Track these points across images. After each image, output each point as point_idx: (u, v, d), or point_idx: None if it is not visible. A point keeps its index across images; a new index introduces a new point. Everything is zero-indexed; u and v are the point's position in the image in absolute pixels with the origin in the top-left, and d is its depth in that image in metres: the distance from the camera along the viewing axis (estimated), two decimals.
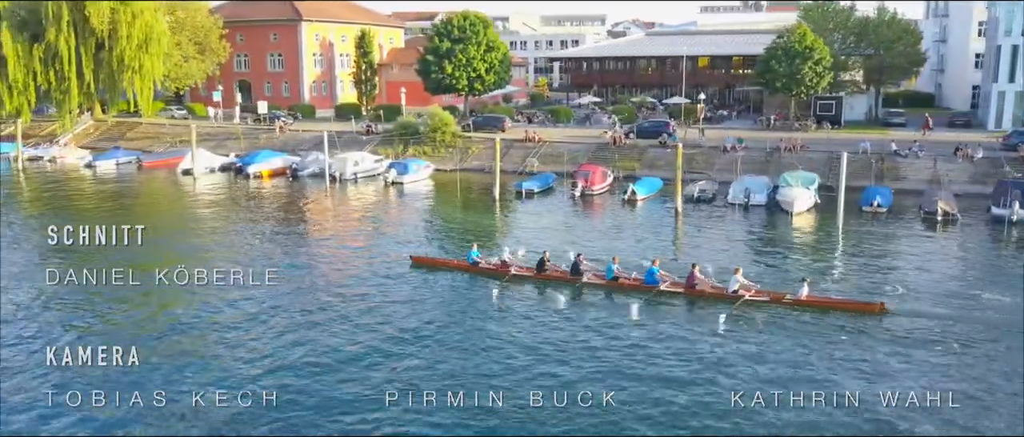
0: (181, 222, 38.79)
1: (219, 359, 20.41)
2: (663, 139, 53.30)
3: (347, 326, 22.78)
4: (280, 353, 20.68)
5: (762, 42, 76.35)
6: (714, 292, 25.36)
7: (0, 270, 28.49)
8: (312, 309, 24.38)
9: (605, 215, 40.39)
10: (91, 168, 56.69)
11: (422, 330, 22.45)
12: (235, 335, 22.07)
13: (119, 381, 18.60)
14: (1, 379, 19.07)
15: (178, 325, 23.04)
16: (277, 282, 26.68)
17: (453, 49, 66.85)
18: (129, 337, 21.51)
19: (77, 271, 27.57)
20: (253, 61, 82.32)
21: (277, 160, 53.92)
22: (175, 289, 26.08)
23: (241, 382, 18.84)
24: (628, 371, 19.51)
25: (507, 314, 24.32)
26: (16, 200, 45.63)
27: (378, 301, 25.24)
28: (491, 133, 59.88)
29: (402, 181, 48.76)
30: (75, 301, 25.21)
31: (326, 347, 21.08)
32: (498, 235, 35.47)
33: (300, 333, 22.20)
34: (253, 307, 24.38)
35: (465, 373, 19.49)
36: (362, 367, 19.77)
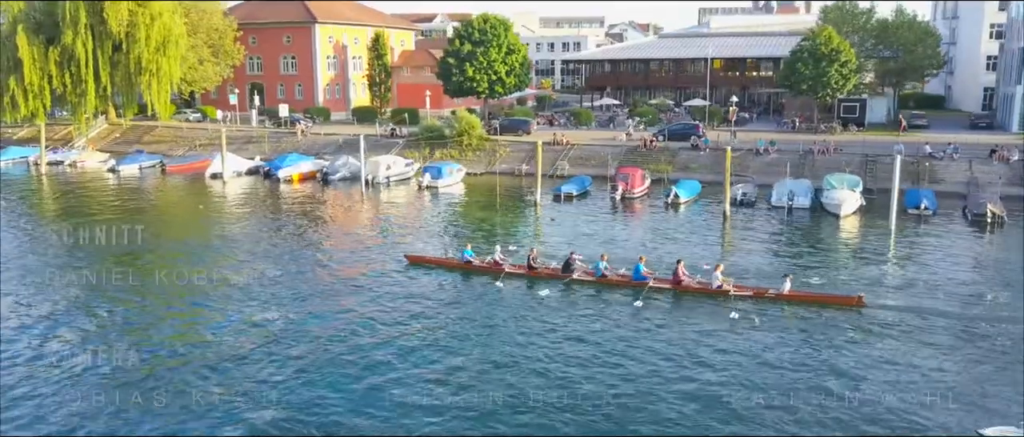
0: (223, 229, 38.35)
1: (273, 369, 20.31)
2: (694, 142, 53.29)
3: (426, 336, 22.68)
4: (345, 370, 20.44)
5: (776, 44, 76.93)
6: (699, 287, 26.46)
7: (26, 281, 28.14)
8: (376, 314, 24.37)
9: (650, 218, 40.28)
10: (115, 172, 56.11)
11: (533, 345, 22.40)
12: (297, 343, 21.92)
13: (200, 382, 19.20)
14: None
15: (237, 331, 22.95)
16: (333, 291, 26.73)
17: (474, 52, 66.67)
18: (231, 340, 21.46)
19: (131, 276, 27.81)
20: (266, 64, 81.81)
21: (306, 164, 53.59)
22: (228, 294, 26.39)
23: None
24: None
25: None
26: (45, 205, 45.08)
27: (450, 307, 25.36)
28: (516, 136, 59.94)
29: (436, 185, 48.52)
30: (122, 303, 25.28)
31: (417, 354, 21.05)
32: (544, 239, 35.04)
33: (372, 339, 22.16)
34: (311, 315, 24.39)
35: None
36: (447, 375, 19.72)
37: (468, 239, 33.60)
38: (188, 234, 37.00)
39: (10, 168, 60.16)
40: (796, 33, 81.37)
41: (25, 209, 44.44)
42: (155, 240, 35.27)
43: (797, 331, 22.82)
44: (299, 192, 48.87)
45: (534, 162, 53.59)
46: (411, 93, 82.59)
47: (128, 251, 32.91)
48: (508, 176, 53.46)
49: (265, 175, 53.40)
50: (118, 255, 32.11)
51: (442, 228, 38.39)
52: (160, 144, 67.33)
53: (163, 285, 27.97)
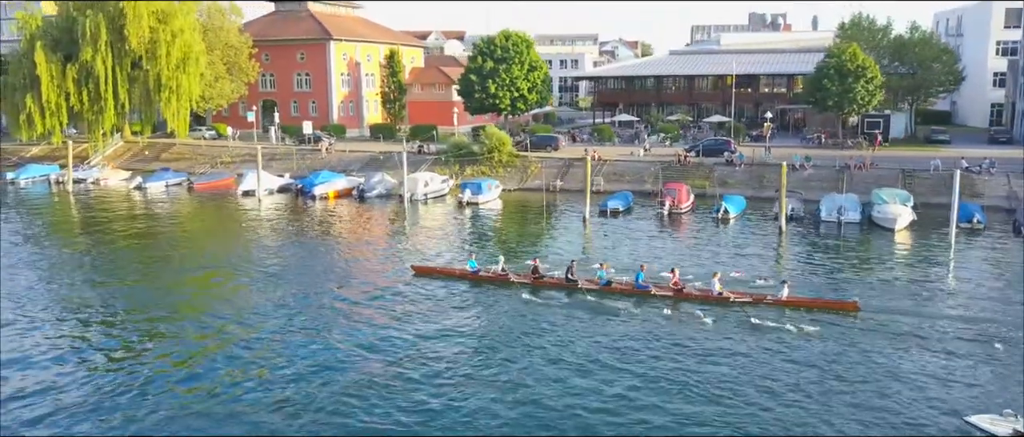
0: (276, 247, 37.92)
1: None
2: (729, 158, 53.61)
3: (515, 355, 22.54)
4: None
5: (791, 61, 77.77)
6: (700, 294, 27.41)
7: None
8: (442, 331, 24.36)
9: (702, 233, 40.31)
10: (141, 190, 55.38)
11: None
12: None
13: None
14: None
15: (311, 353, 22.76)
16: (408, 313, 26.43)
17: (496, 69, 66.84)
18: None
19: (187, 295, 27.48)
20: (279, 80, 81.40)
21: (341, 181, 53.23)
22: (299, 312, 26.23)
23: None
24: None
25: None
26: (90, 224, 44.34)
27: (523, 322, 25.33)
28: (545, 152, 59.99)
29: (477, 201, 48.40)
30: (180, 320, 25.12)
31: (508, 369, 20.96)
32: (605, 255, 34.46)
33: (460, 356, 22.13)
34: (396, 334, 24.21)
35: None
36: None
37: (519, 254, 33.87)
38: (248, 254, 36.47)
39: (31, 186, 59.23)
40: (806, 50, 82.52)
41: (67, 228, 43.72)
42: (221, 259, 34.91)
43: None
44: (338, 209, 48.48)
45: (568, 178, 54.07)
46: (422, 110, 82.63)
47: (194, 271, 32.51)
48: (544, 192, 53.32)
49: (298, 192, 52.98)
50: (192, 276, 31.69)
51: (498, 243, 38.07)
52: (179, 161, 66.68)
53: (247, 306, 27.62)
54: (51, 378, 20.75)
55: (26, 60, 65.14)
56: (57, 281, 31.07)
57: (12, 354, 22.43)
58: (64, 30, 65.48)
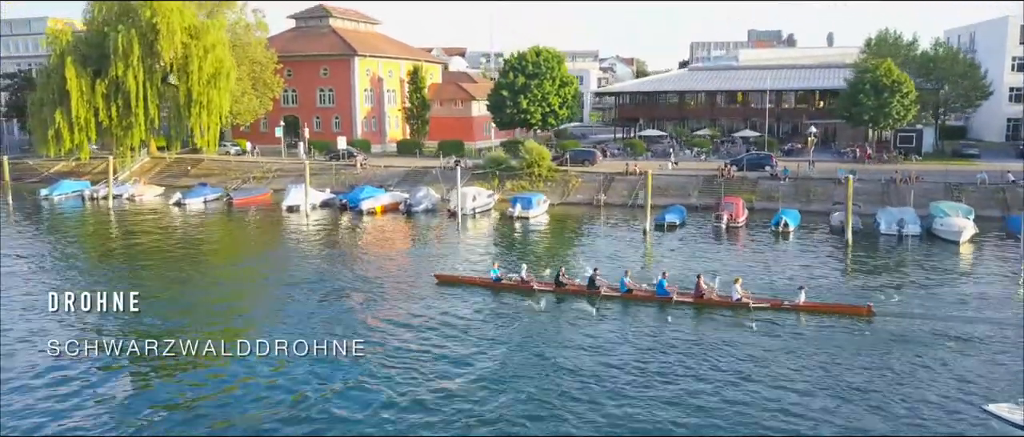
0: (337, 262, 37.66)
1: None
2: (774, 172, 53.89)
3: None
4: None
5: (814, 76, 78.51)
6: (720, 300, 27.91)
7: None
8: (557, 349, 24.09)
9: (764, 246, 40.44)
10: (181, 206, 54.88)
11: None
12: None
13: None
14: None
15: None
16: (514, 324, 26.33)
17: (528, 84, 67.06)
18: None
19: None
20: (302, 96, 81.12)
21: (386, 196, 53.06)
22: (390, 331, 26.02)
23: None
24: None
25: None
26: (147, 242, 43.89)
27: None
28: (583, 167, 60.07)
29: (527, 215, 48.34)
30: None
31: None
32: (671, 268, 34.17)
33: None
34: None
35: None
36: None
37: (582, 267, 33.55)
38: (317, 266, 36.18)
39: (65, 202, 58.60)
40: (825, 65, 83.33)
41: (123, 246, 43.18)
42: (289, 274, 34.63)
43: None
44: (387, 224, 48.28)
45: (611, 192, 54.16)
46: (442, 125, 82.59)
47: (273, 288, 32.23)
48: (587, 206, 53.45)
49: (342, 207, 52.73)
50: (271, 293, 31.43)
51: (560, 256, 37.75)
52: (209, 177, 66.23)
53: (329, 317, 27.42)
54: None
55: (55, 75, 64.71)
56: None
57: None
58: (93, 45, 65.07)
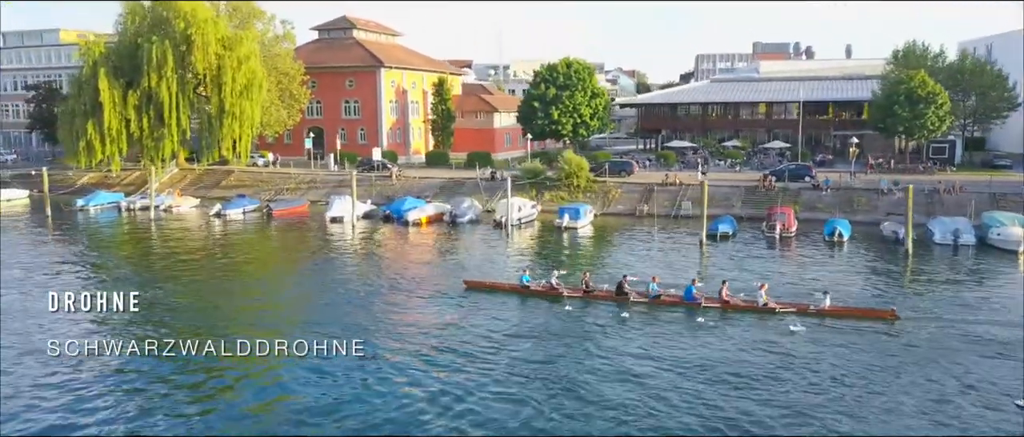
0: (399, 272, 37.69)
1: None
2: (815, 182, 54.15)
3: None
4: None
5: (840, 88, 78.99)
6: (746, 305, 28.50)
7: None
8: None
9: (821, 256, 40.62)
10: (221, 217, 54.73)
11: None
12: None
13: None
14: None
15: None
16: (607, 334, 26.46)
17: (559, 95, 67.35)
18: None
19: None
20: (326, 108, 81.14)
21: (430, 208, 53.09)
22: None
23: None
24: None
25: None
26: (192, 253, 43.76)
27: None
28: (620, 177, 60.22)
29: (575, 226, 48.43)
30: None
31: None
32: (732, 278, 34.27)
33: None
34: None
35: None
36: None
37: (643, 276, 33.59)
38: (366, 278, 36.12)
39: (101, 213, 58.42)
40: (846, 77, 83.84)
41: (176, 257, 43.00)
42: (354, 285, 34.65)
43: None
44: (435, 235, 48.23)
45: (652, 202, 54.33)
46: (464, 137, 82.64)
47: (341, 303, 32.22)
48: (629, 216, 53.59)
49: (385, 218, 52.73)
50: (338, 306, 31.42)
51: (619, 266, 37.39)
52: (242, 188, 66.16)
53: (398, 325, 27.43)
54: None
55: (87, 86, 64.62)
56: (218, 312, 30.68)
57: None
58: (125, 56, 65.02)
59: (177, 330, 26.36)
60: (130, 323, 26.29)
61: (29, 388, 21.16)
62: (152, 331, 26.11)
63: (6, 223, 54.06)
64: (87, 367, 22.26)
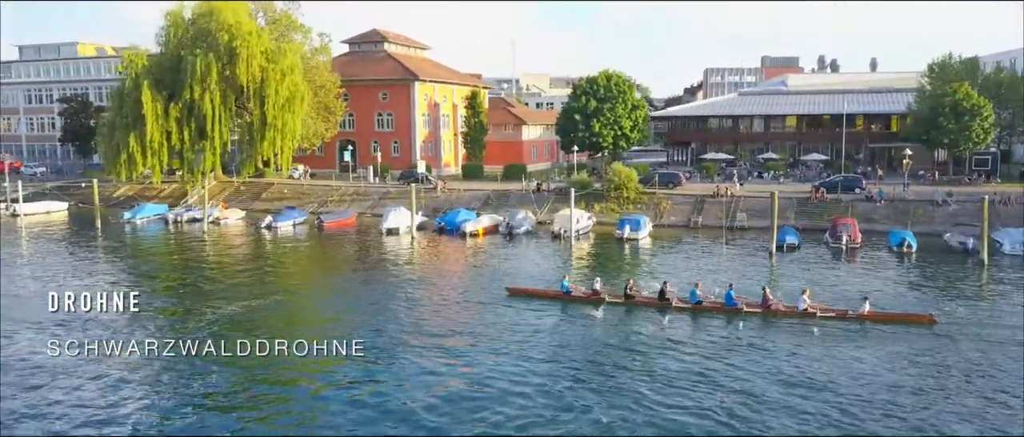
0: (478, 284, 37.64)
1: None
2: (870, 194, 54.37)
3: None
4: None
5: (875, 101, 79.48)
6: (787, 310, 28.91)
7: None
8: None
9: (894, 267, 40.72)
10: (271, 229, 54.56)
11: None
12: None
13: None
14: None
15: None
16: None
17: (600, 108, 67.57)
18: None
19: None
20: (359, 120, 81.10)
21: (485, 219, 53.12)
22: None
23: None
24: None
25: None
26: (267, 266, 43.58)
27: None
28: (669, 189, 60.31)
29: (636, 237, 48.47)
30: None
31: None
32: (811, 287, 33.89)
33: None
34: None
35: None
36: None
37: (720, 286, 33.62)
38: (463, 287, 36.15)
39: (148, 226, 58.18)
40: (874, 90, 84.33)
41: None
42: (437, 296, 34.62)
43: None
44: (494, 246, 48.12)
45: (704, 214, 54.43)
46: (492, 149, 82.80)
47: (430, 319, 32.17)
48: (683, 228, 53.67)
49: (440, 230, 52.67)
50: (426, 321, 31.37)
51: (696, 275, 37.08)
52: (283, 201, 66.10)
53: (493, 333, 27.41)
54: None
55: (129, 99, 64.42)
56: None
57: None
58: (167, 69, 64.90)
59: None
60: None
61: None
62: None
63: (55, 235, 53.92)
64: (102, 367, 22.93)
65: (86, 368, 22.76)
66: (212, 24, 64.19)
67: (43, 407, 20.50)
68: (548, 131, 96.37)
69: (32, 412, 20.23)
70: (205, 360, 22.61)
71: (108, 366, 22.89)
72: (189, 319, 29.79)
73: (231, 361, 22.29)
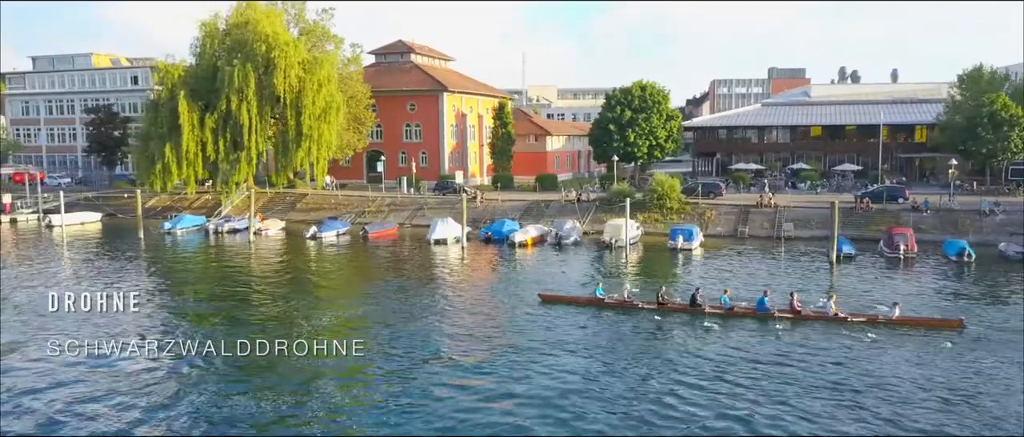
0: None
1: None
2: (916, 204, 54.54)
3: None
4: None
5: (903, 111, 79.91)
6: (816, 315, 29.57)
7: None
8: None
9: (957, 276, 40.68)
10: (316, 240, 54.38)
11: None
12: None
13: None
14: None
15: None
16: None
17: (635, 118, 67.74)
18: None
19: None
20: (387, 131, 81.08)
21: (532, 229, 53.06)
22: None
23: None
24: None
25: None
26: (336, 277, 43.38)
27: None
28: (709, 199, 60.38)
29: (690, 247, 48.47)
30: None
31: None
32: (897, 298, 34.36)
33: None
34: None
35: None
36: None
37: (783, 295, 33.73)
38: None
39: (187, 236, 57.93)
40: (898, 100, 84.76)
41: (307, 281, 42.48)
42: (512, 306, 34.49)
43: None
44: (546, 256, 48.04)
45: (750, 224, 54.51)
46: (517, 160, 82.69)
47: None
48: (730, 238, 53.71)
49: (486, 240, 52.59)
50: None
51: (756, 283, 37.32)
52: (317, 211, 65.84)
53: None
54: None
55: (164, 109, 64.22)
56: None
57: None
58: (203, 79, 64.77)
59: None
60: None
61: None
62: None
63: (96, 247, 53.64)
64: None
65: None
66: (248, 34, 64.05)
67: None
68: (570, 142, 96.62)
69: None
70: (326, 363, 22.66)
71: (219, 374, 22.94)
72: (292, 329, 29.64)
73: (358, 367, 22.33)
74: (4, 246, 53.52)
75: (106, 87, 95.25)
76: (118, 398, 21.69)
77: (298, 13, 70.17)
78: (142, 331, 28.61)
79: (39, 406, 21.15)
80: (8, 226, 64.64)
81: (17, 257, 48.75)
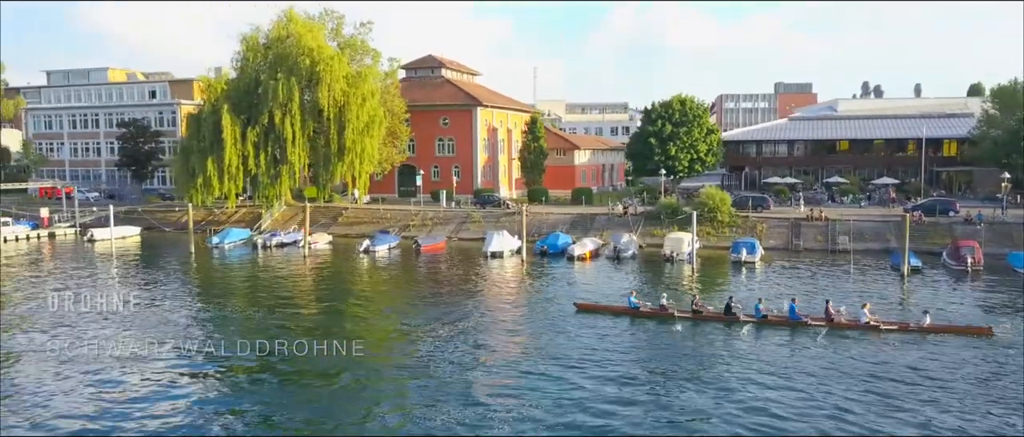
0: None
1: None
2: (969, 217, 54.82)
3: None
4: None
5: (936, 125, 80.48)
6: (849, 323, 30.04)
7: None
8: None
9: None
10: (369, 253, 54.23)
11: None
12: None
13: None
14: None
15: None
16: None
17: (676, 132, 67.94)
18: None
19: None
20: (420, 145, 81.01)
21: (588, 242, 53.07)
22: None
23: None
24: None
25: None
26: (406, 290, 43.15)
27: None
28: (757, 212, 60.53)
29: (753, 260, 48.53)
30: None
31: None
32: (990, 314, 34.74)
33: None
34: None
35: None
36: None
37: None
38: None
39: (234, 250, 57.68)
40: (925, 115, 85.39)
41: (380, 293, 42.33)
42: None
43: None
44: (607, 270, 47.95)
45: (803, 237, 54.65)
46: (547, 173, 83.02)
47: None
48: (783, 251, 53.84)
49: (541, 253, 52.48)
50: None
51: (837, 297, 36.99)
52: (362, 225, 65.84)
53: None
54: None
55: (206, 123, 63.87)
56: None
57: None
58: (244, 92, 64.48)
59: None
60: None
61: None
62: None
63: (145, 262, 53.27)
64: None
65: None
66: (291, 48, 63.86)
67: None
68: (595, 155, 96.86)
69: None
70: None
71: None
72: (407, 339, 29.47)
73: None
74: (53, 261, 53.08)
75: (123, 101, 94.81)
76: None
77: (337, 27, 70.05)
78: (244, 339, 28.63)
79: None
80: (47, 240, 64.11)
81: (66, 273, 48.24)
